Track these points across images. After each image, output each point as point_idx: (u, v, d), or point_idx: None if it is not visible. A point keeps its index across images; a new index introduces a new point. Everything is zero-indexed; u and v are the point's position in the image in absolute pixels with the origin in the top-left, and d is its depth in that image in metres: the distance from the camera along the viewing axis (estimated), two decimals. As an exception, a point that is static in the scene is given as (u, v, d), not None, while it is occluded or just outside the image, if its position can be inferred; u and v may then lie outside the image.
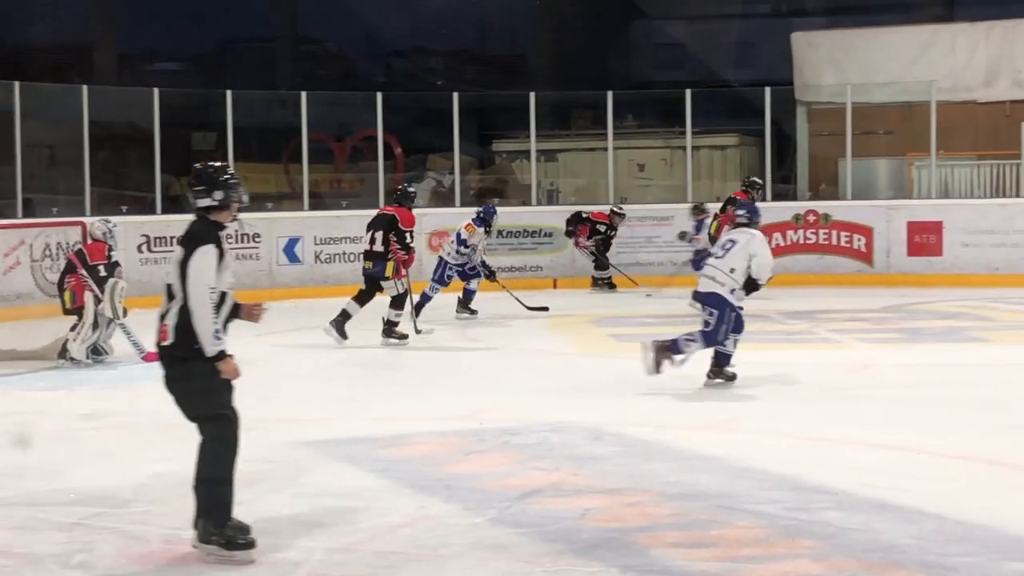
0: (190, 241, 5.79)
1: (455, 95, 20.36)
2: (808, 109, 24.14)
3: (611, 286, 19.20)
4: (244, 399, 5.88)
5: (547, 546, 5.90)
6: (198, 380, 5.72)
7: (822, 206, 20.31)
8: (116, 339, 11.97)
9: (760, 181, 17.95)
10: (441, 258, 15.50)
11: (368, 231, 13.42)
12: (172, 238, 17.93)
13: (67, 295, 11.89)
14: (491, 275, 15.44)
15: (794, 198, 22.32)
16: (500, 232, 19.76)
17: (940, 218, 19.25)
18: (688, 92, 20.91)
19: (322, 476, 7.44)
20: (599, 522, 6.31)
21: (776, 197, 21.63)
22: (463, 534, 6.13)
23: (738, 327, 10.16)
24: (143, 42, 29.01)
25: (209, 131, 22.88)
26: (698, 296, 10.27)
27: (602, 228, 19.36)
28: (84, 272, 11.82)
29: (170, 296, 5.74)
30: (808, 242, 19.82)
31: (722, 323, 10.02)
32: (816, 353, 12.35)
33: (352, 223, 19.30)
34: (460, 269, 15.32)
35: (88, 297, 11.76)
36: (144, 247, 17.76)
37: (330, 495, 6.94)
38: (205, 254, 5.74)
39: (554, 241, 19.96)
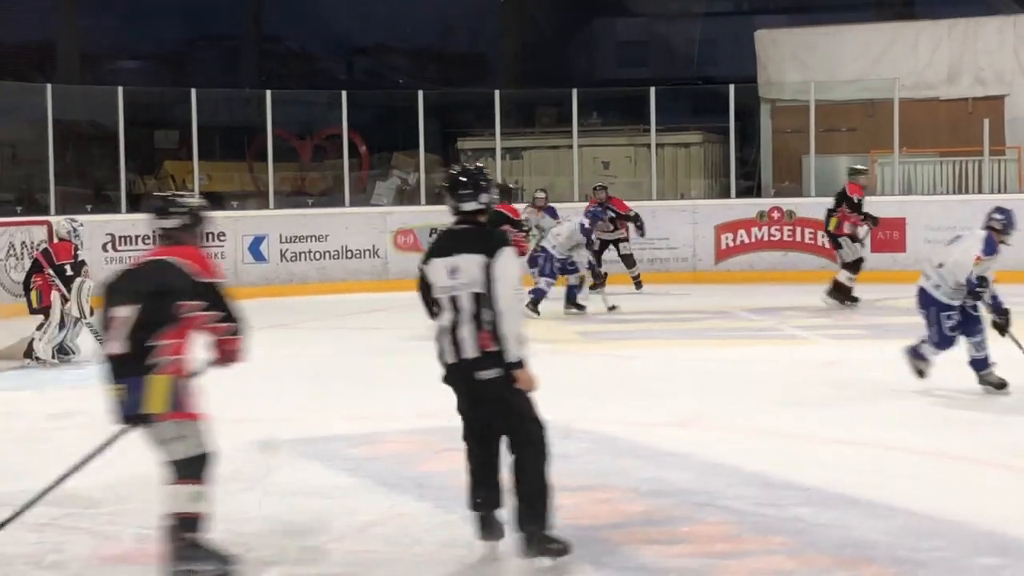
0: (490, 244, 5.56)
1: (419, 93, 20.35)
2: (772, 106, 24.25)
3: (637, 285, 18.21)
4: (209, 399, 5.85)
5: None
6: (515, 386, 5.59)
7: (786, 203, 20.39)
8: (83, 338, 11.90)
9: (864, 167, 17.27)
10: (544, 249, 15.35)
11: None
12: (137, 236, 17.87)
13: (33, 295, 11.83)
14: (598, 277, 15.37)
15: (758, 195, 22.44)
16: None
17: (903, 215, 19.36)
18: (652, 90, 20.97)
19: (293, 475, 7.42)
20: (571, 519, 6.31)
21: (740, 194, 21.74)
22: (435, 532, 6.14)
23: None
24: (106, 40, 28.88)
25: (172, 129, 22.80)
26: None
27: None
28: (51, 271, 11.76)
29: (477, 304, 5.52)
30: (772, 239, 19.90)
31: (932, 324, 9.68)
32: (782, 350, 12.41)
33: (318, 221, 19.31)
34: (561, 264, 15.19)
35: (55, 296, 11.71)
36: (109, 246, 17.68)
37: (301, 494, 6.93)
38: (512, 256, 5.59)
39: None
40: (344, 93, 20.25)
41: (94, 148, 21.39)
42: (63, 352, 11.82)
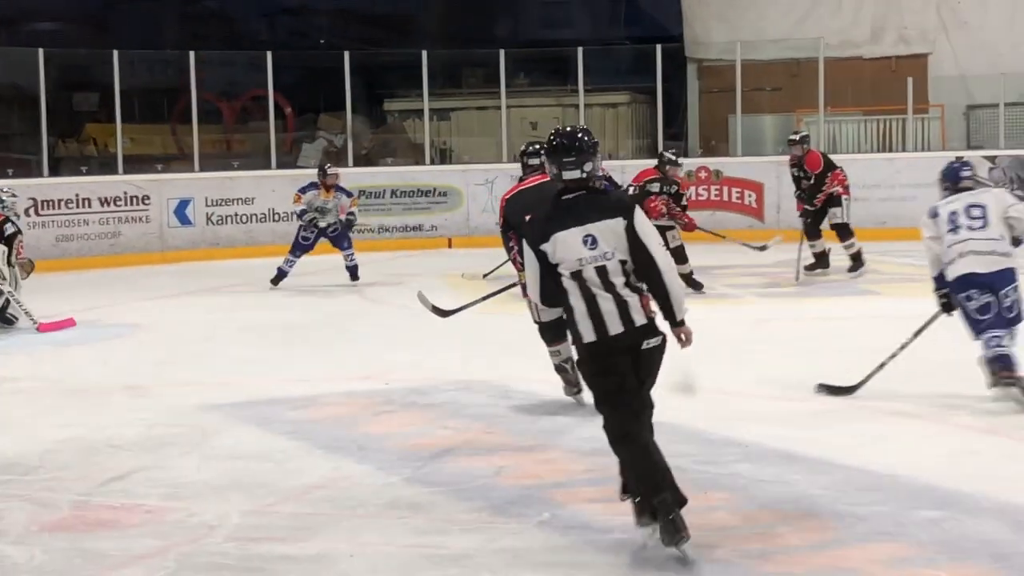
0: (621, 206, 5.28)
1: (346, 54, 20.17)
2: (698, 66, 24.31)
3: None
4: (142, 365, 5.79)
5: (464, 504, 5.92)
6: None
7: (713, 163, 20.47)
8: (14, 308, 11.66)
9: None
10: None
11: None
12: (60, 201, 17.63)
13: None
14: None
15: (685, 155, 22.47)
16: (394, 192, 19.73)
17: (828, 173, 19.49)
18: (580, 50, 20.96)
19: (232, 439, 7.37)
20: (514, 479, 6.34)
21: (667, 154, 21.76)
22: (379, 494, 6.12)
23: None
24: (25, 1, 28.33)
25: (93, 92, 22.47)
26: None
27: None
28: None
29: (626, 270, 5.20)
30: (700, 198, 19.93)
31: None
32: (714, 308, 12.46)
33: (244, 184, 19.12)
34: None
35: None
36: (32, 210, 17.37)
37: (241, 458, 6.89)
38: (645, 216, 5.31)
39: (448, 200, 19.90)
40: (269, 54, 20.03)
41: (14, 111, 21.05)
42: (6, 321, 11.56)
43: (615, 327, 5.17)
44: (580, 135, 5.33)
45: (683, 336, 5.36)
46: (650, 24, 28.94)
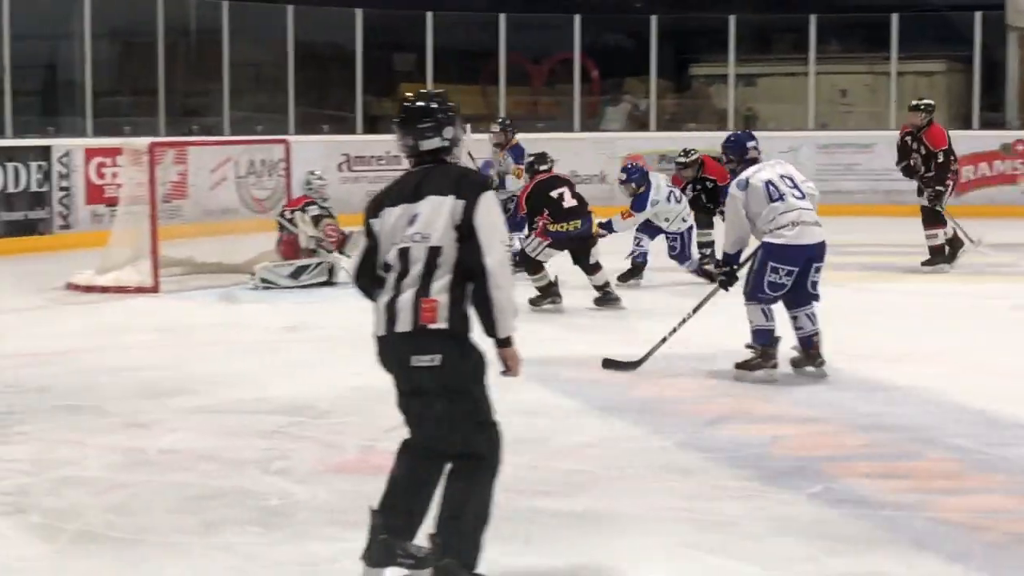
0: (466, 183, 4.35)
1: (653, 18, 20.19)
2: (1020, 35, 23.28)
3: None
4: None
5: (735, 471, 5.91)
6: (479, 373, 4.34)
7: (1032, 136, 19.64)
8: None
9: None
10: None
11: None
12: (372, 157, 18.25)
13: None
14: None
15: (1002, 127, 21.63)
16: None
17: None
18: (895, 16, 20.39)
19: (512, 394, 7.47)
20: (789, 449, 6.29)
21: (984, 126, 20.98)
22: (650, 456, 6.17)
23: None
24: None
25: (409, 52, 23.07)
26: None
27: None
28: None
29: (430, 263, 4.25)
30: (1016, 172, 19.19)
31: None
32: (1019, 287, 12.01)
33: (548, 145, 19.31)
34: None
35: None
36: (344, 166, 18.08)
37: (520, 413, 6.98)
38: (496, 202, 4.37)
39: (751, 167, 19.67)
40: (577, 17, 20.23)
41: (332, 70, 21.81)
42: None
43: (382, 327, 4.35)
44: (435, 99, 4.54)
45: (507, 359, 4.37)
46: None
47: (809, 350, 7.92)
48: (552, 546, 4.94)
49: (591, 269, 10.75)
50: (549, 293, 10.55)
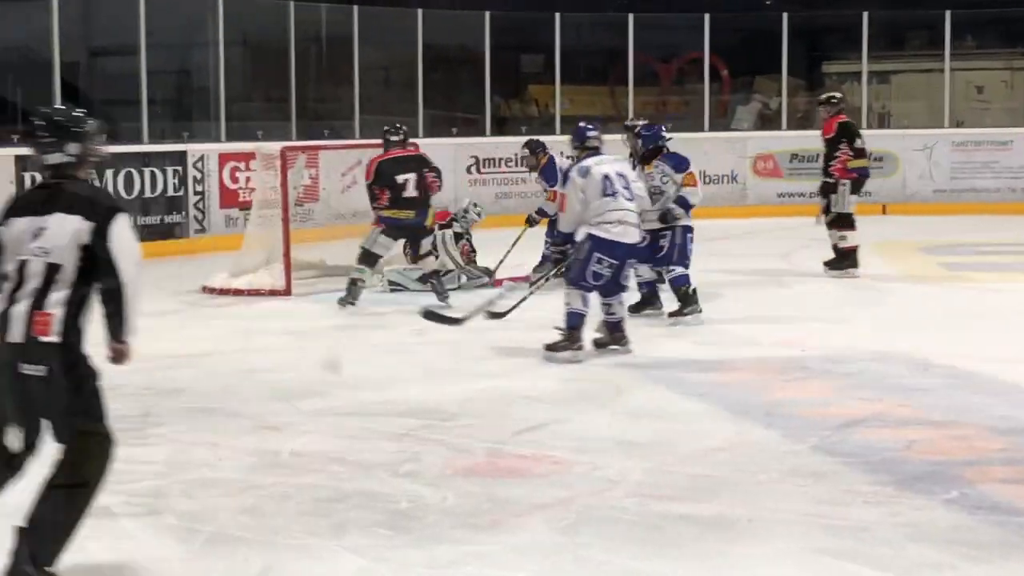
0: (96, 205, 4.49)
1: (784, 16, 20.00)
2: None
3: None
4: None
5: (868, 476, 5.80)
6: (90, 379, 4.49)
7: None
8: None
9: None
10: None
11: None
12: (500, 160, 18.32)
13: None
14: None
15: None
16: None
17: None
18: (1032, 10, 20.00)
19: (643, 397, 7.51)
20: (924, 454, 6.16)
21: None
22: (781, 461, 6.08)
23: None
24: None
25: (537, 54, 23.10)
26: None
27: None
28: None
29: (48, 279, 4.41)
30: None
31: None
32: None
33: (677, 147, 19.22)
34: None
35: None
36: (473, 168, 18.17)
37: (649, 416, 7.00)
38: (127, 224, 4.51)
39: (884, 166, 19.39)
40: (707, 16, 20.10)
41: (461, 72, 21.92)
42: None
43: (8, 335, 4.40)
44: (61, 114, 4.70)
45: (122, 355, 4.53)
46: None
47: (615, 333, 8.66)
48: (681, 551, 4.90)
49: (418, 258, 11.22)
50: (355, 292, 10.76)
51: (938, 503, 5.41)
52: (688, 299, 9.77)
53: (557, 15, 19.62)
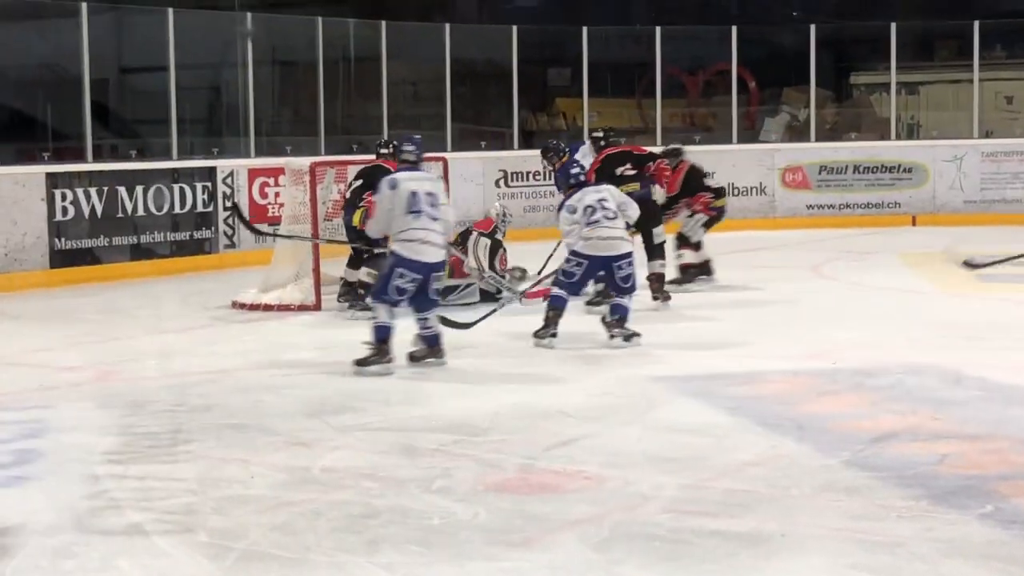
0: None
1: (811, 27, 19.97)
2: None
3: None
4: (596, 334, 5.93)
5: (902, 491, 5.76)
6: None
7: None
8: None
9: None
10: None
11: None
12: (528, 173, 18.33)
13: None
14: None
15: None
16: (856, 167, 19.37)
17: None
18: (1063, 21, 19.92)
19: (674, 411, 7.49)
20: (958, 468, 6.12)
21: None
22: (814, 475, 6.05)
23: None
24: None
25: (564, 67, 23.12)
26: None
27: None
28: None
29: None
30: None
31: None
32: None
33: (705, 158, 19.18)
34: None
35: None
36: (501, 182, 18.18)
37: (681, 431, 6.97)
38: None
39: (913, 177, 19.35)
40: (734, 28, 20.08)
41: (489, 86, 21.95)
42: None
43: None
44: None
45: None
46: None
47: (434, 347, 8.83)
48: (714, 566, 4.87)
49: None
50: None
51: (973, 518, 5.36)
52: (548, 323, 9.50)
53: (584, 28, 19.64)
